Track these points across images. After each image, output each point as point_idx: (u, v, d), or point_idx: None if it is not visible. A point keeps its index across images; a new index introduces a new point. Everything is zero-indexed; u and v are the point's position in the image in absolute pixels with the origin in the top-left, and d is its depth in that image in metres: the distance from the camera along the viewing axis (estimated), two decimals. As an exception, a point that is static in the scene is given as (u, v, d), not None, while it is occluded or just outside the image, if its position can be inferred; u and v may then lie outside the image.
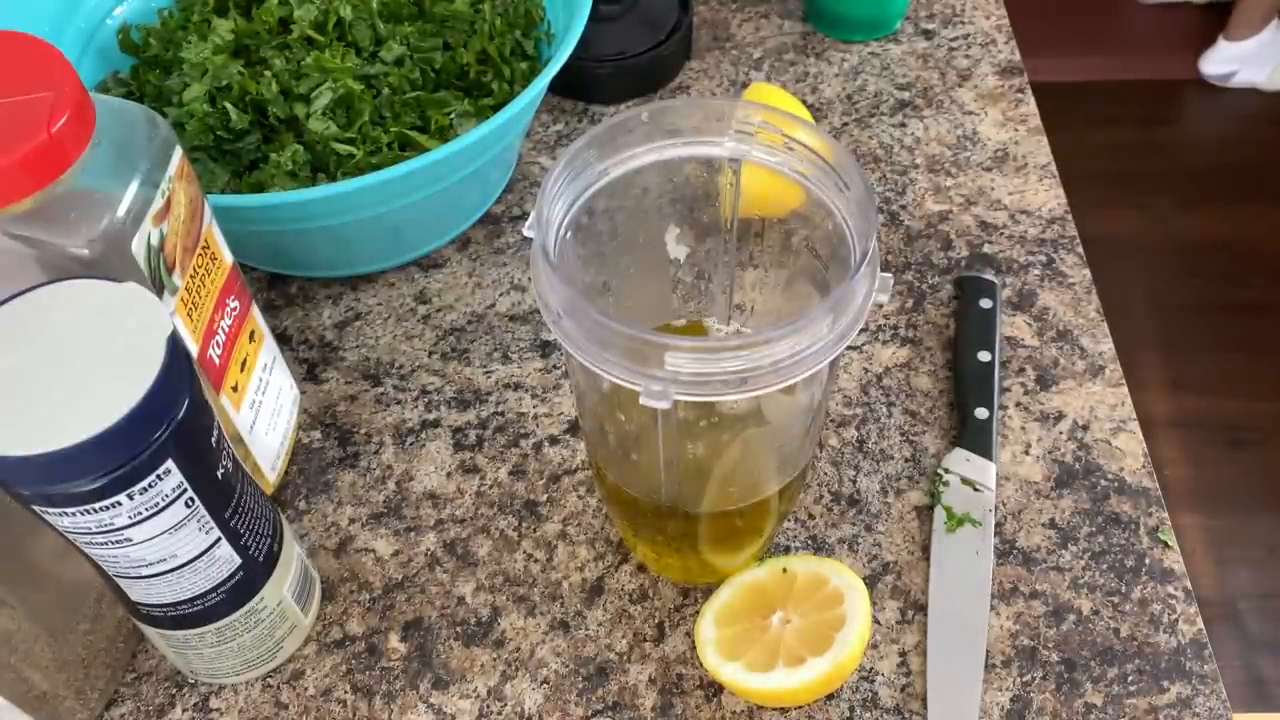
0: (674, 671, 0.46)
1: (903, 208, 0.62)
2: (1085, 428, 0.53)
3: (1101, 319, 0.57)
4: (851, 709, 0.45)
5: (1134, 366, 1.55)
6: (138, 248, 0.37)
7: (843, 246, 0.37)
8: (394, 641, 0.47)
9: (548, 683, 0.46)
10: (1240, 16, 1.92)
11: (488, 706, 0.45)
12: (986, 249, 0.60)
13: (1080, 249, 0.60)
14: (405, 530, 0.51)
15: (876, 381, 0.55)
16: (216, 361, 0.44)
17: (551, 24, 0.62)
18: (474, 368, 0.56)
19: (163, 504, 0.36)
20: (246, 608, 0.42)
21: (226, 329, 0.45)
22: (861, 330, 0.49)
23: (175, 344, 0.34)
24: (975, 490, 0.50)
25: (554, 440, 0.53)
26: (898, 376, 0.55)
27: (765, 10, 0.75)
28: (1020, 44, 0.72)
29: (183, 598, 0.40)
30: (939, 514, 0.49)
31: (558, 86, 0.69)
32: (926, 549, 0.49)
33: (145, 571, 0.38)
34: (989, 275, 0.58)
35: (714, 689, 0.45)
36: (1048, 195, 0.63)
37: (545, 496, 0.51)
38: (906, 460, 0.52)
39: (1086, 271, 0.59)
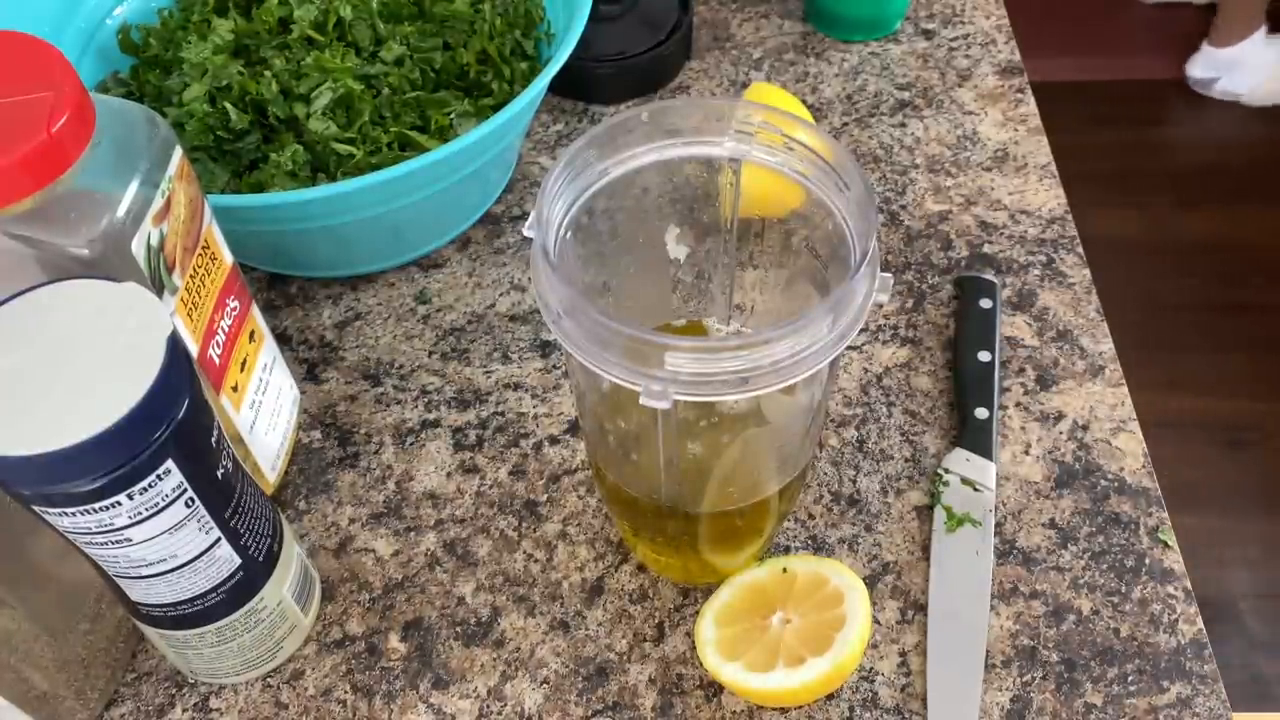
0: (674, 671, 0.46)
1: (903, 208, 0.62)
2: (1085, 428, 0.53)
3: (1101, 319, 0.57)
4: (851, 709, 0.45)
5: (1134, 366, 1.54)
6: (138, 248, 0.37)
7: (843, 246, 0.37)
8: (394, 641, 0.47)
9: (548, 683, 0.46)
10: (1223, 22, 1.90)
11: (488, 706, 0.45)
12: (986, 249, 0.60)
13: (1080, 249, 0.60)
14: (405, 530, 0.51)
15: (876, 381, 0.55)
16: (216, 361, 0.44)
17: (551, 24, 0.62)
18: (474, 368, 0.56)
19: (163, 504, 0.36)
20: (246, 608, 0.42)
21: (226, 329, 0.45)
22: (861, 330, 0.49)
23: (175, 344, 0.34)
24: (975, 490, 0.50)
25: (554, 440, 0.53)
26: (898, 376, 0.55)
27: (765, 10, 0.75)
28: (1020, 44, 0.72)
29: (183, 598, 0.40)
30: (939, 514, 0.49)
31: (558, 86, 0.69)
32: (926, 549, 0.49)
33: (145, 571, 0.38)
34: (989, 275, 0.58)
35: (714, 689, 0.45)
36: (1048, 195, 0.63)
37: (545, 496, 0.51)
38: (906, 460, 0.52)
39: (1086, 271, 0.59)
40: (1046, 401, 0.54)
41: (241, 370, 0.46)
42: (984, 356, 0.54)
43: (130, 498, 0.34)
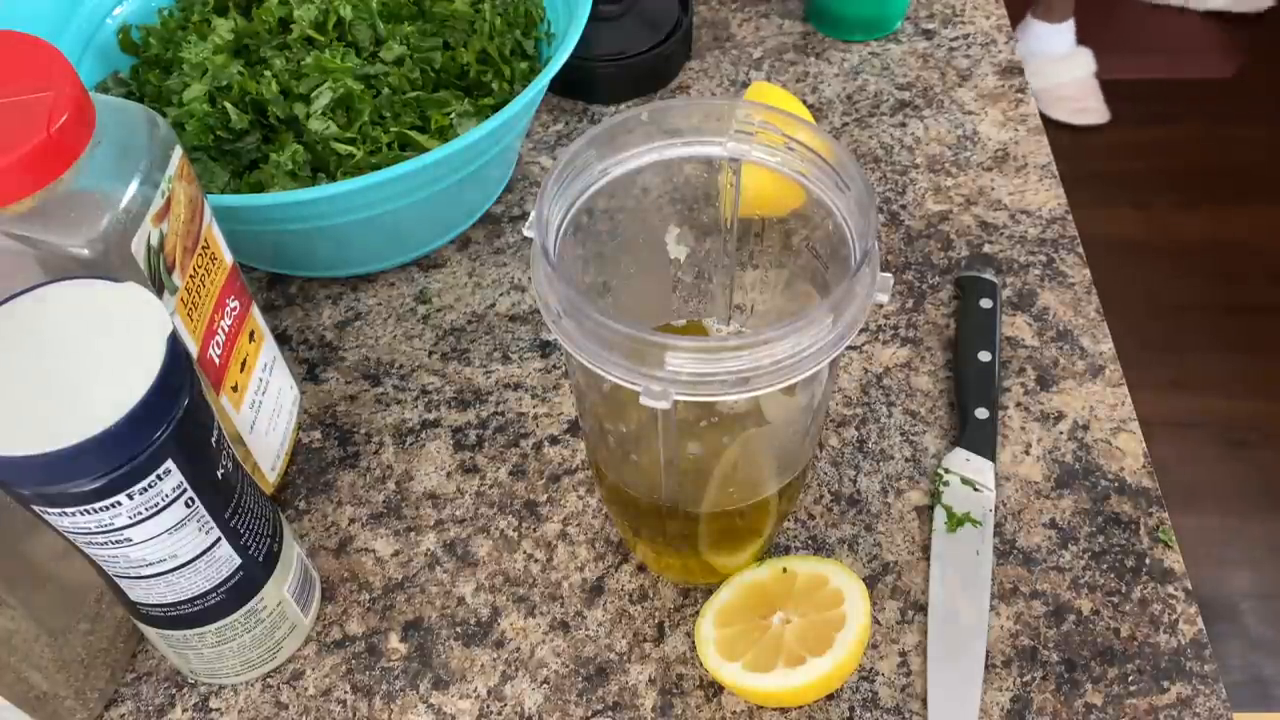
0: (674, 671, 0.46)
1: (903, 208, 0.62)
2: (1085, 428, 0.53)
3: (1101, 319, 0.57)
4: (851, 709, 0.45)
5: (1134, 366, 1.54)
6: (138, 248, 0.37)
7: (843, 246, 0.37)
8: (394, 641, 0.47)
9: (548, 683, 0.46)
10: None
11: (488, 706, 0.45)
12: (986, 249, 0.60)
13: (1080, 249, 0.60)
14: (405, 530, 0.51)
15: (876, 381, 0.55)
16: (216, 361, 0.44)
17: (551, 24, 0.62)
18: (474, 368, 0.56)
19: (163, 504, 0.36)
20: (246, 608, 0.42)
21: (226, 329, 0.45)
22: (861, 330, 0.49)
23: (175, 344, 0.34)
24: (975, 490, 0.50)
25: (554, 440, 0.53)
26: (898, 376, 0.55)
27: (765, 10, 0.75)
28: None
29: (183, 598, 0.40)
30: (939, 514, 0.49)
31: (558, 86, 0.69)
32: (926, 549, 0.49)
33: (145, 572, 0.38)
34: (989, 275, 0.58)
35: (714, 689, 0.45)
36: (1048, 195, 0.63)
37: (545, 496, 0.51)
38: (906, 460, 0.52)
39: (1086, 271, 0.59)
40: (1046, 401, 0.54)
41: (241, 370, 0.46)
42: (984, 356, 0.54)
43: (130, 498, 0.34)
